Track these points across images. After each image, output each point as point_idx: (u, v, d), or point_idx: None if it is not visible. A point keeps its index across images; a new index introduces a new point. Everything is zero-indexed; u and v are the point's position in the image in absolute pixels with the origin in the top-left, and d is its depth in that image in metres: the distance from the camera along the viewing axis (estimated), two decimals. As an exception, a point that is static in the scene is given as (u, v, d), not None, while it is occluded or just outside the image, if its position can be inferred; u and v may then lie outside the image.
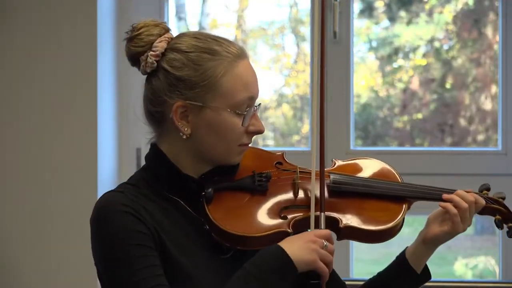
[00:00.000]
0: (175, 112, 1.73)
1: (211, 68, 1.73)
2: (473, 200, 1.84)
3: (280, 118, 3.95)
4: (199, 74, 1.72)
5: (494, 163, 3.32)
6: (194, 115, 1.73)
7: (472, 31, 3.69)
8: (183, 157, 1.76)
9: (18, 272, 3.18)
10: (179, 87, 1.73)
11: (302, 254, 1.65)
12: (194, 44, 1.75)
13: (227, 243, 1.72)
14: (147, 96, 1.78)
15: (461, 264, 4.22)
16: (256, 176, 1.79)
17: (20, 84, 3.19)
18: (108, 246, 1.67)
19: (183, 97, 1.73)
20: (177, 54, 1.74)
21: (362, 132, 3.79)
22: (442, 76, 3.71)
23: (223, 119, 1.73)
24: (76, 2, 3.18)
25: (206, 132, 1.74)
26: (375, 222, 1.79)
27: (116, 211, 1.68)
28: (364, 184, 1.85)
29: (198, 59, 1.73)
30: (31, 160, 3.18)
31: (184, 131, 1.74)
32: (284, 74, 3.88)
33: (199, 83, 1.72)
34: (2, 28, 3.20)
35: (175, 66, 1.73)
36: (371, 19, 3.79)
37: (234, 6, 3.86)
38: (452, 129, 3.74)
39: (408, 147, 3.80)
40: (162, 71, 1.75)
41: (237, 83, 1.74)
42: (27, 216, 3.18)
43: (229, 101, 1.73)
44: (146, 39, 1.75)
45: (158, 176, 1.77)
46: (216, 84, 1.73)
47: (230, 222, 1.72)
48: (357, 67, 3.70)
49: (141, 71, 1.78)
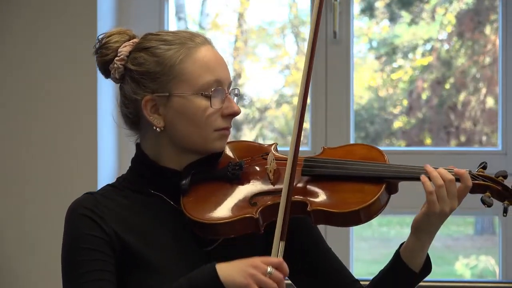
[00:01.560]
0: (145, 107, 1.76)
1: (169, 57, 1.75)
2: (451, 178, 1.75)
3: (280, 118, 3.95)
4: (159, 64, 1.75)
5: (494, 163, 3.32)
6: (163, 107, 1.76)
7: (472, 31, 3.69)
8: (164, 151, 1.79)
9: (17, 273, 3.18)
10: (144, 82, 1.76)
11: (236, 277, 1.60)
12: (155, 40, 1.79)
13: (200, 233, 1.75)
14: (121, 101, 1.82)
15: (461, 264, 4.22)
16: (230, 166, 1.81)
17: (20, 85, 3.19)
18: (64, 246, 1.78)
19: (149, 91, 1.76)
20: (139, 52, 1.78)
21: (362, 132, 3.80)
22: (442, 76, 3.72)
23: (191, 104, 1.75)
24: (76, 2, 3.18)
25: (178, 121, 1.76)
26: (346, 204, 1.75)
27: (75, 214, 1.75)
28: (337, 166, 1.82)
29: (157, 52, 1.76)
30: (31, 160, 3.18)
31: (157, 124, 1.76)
32: (284, 74, 3.88)
33: (161, 73, 1.75)
34: (2, 29, 3.20)
35: (138, 63, 1.77)
36: (371, 19, 3.79)
37: (234, 6, 3.86)
38: (452, 129, 3.74)
39: (408, 147, 3.80)
40: (128, 73, 1.78)
41: (199, 67, 1.76)
42: (27, 216, 3.18)
43: (193, 85, 1.75)
44: (113, 46, 1.80)
45: (140, 174, 1.80)
46: (177, 71, 1.75)
47: (200, 211, 1.74)
48: (357, 67, 3.70)
49: (113, 80, 1.82)
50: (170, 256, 1.74)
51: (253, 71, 3.87)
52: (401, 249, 1.84)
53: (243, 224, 1.74)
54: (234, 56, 3.86)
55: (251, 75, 3.88)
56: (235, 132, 3.90)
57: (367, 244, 4.02)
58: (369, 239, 4.12)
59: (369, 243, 4.06)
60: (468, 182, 1.78)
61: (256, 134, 3.96)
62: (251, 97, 3.90)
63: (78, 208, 1.75)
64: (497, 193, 1.87)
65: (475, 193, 1.85)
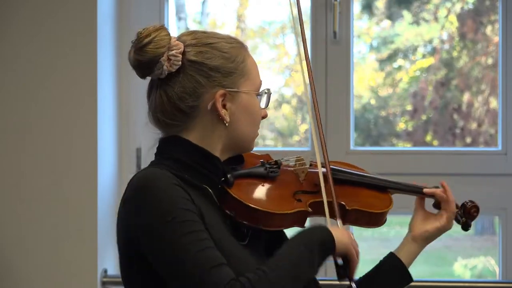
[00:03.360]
0: (218, 101, 1.78)
1: (237, 55, 1.82)
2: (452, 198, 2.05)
3: (280, 118, 3.95)
4: (230, 61, 1.80)
5: (494, 163, 3.32)
6: (232, 102, 1.80)
7: (473, 31, 3.69)
8: (213, 145, 1.81)
9: (16, 274, 3.18)
10: (216, 77, 1.79)
11: (341, 237, 1.77)
12: (212, 37, 1.83)
13: (252, 222, 1.78)
14: (177, 95, 1.78)
15: (461, 264, 4.23)
16: (266, 164, 1.88)
17: (20, 85, 3.19)
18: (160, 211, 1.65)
19: (222, 85, 1.79)
20: (201, 47, 1.80)
21: (362, 132, 3.80)
22: (443, 76, 3.72)
23: (254, 102, 1.83)
24: (76, 2, 3.18)
25: (243, 117, 1.81)
26: (374, 206, 1.95)
27: (165, 182, 1.69)
28: (357, 174, 2.01)
29: (224, 48, 1.81)
30: (31, 160, 3.18)
31: (226, 119, 1.79)
32: (284, 74, 3.88)
33: (234, 70, 1.81)
34: (2, 30, 3.20)
35: (207, 57, 1.79)
36: (371, 19, 3.80)
37: (234, 6, 3.86)
38: (457, 130, 3.74)
39: (408, 147, 3.80)
40: (192, 66, 1.79)
41: (255, 68, 1.86)
42: (27, 216, 3.18)
43: (254, 84, 1.84)
44: (165, 39, 1.78)
45: (184, 164, 1.78)
46: (245, 69, 1.82)
47: (256, 200, 1.80)
48: (357, 67, 3.70)
49: (162, 73, 1.78)
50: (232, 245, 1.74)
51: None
52: (398, 252, 2.04)
53: (295, 217, 1.82)
54: (234, 56, 3.85)
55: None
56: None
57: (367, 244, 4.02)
58: (369, 239, 4.13)
59: (369, 243, 4.06)
60: None
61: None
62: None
63: (165, 179, 1.70)
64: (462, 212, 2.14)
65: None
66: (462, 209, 2.10)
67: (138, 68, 1.81)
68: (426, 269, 4.43)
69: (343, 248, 1.77)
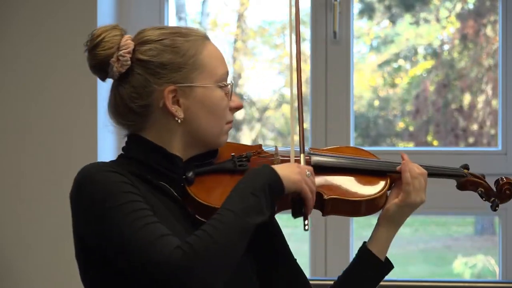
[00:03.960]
0: (167, 98, 1.73)
1: (189, 48, 1.76)
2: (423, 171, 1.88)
3: (280, 118, 3.95)
4: (180, 55, 1.75)
5: (494, 163, 3.32)
6: (185, 97, 1.75)
7: (475, 32, 3.68)
8: (172, 143, 1.77)
9: (16, 274, 3.18)
10: (164, 73, 1.74)
11: (289, 174, 1.70)
12: (162, 32, 1.77)
13: None
14: (127, 95, 1.77)
15: (460, 264, 4.22)
16: (235, 158, 1.82)
17: (20, 85, 3.19)
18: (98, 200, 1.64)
19: (171, 81, 1.74)
20: (149, 45, 1.76)
21: (362, 132, 3.80)
22: (444, 77, 3.71)
23: (213, 95, 1.76)
24: (76, 2, 3.18)
25: (200, 112, 1.76)
26: (357, 194, 1.84)
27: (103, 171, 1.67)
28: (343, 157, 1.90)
29: (173, 43, 1.76)
30: (31, 160, 3.18)
31: (179, 116, 1.74)
32: (284, 74, 3.88)
33: (184, 64, 1.75)
34: (2, 30, 3.20)
35: (153, 54, 1.74)
36: (371, 19, 3.80)
37: (234, 6, 3.86)
38: (453, 129, 3.74)
39: (407, 147, 3.80)
40: (139, 65, 1.75)
41: (215, 59, 1.78)
42: (27, 216, 3.18)
43: (213, 76, 1.76)
44: (114, 40, 1.76)
45: (142, 163, 1.76)
46: (198, 62, 1.75)
47: (215, 198, 1.73)
48: (357, 67, 3.70)
49: (113, 74, 1.78)
50: None
51: (253, 71, 3.87)
52: (368, 242, 1.90)
53: None
54: (234, 56, 3.86)
55: (251, 75, 3.88)
56: (235, 132, 3.91)
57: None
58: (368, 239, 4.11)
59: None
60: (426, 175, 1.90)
61: (256, 134, 3.96)
62: (251, 97, 3.90)
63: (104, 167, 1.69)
64: (485, 192, 2.00)
65: (466, 190, 2.00)
66: (495, 184, 1.98)
67: (93, 71, 1.81)
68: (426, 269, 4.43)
69: (293, 187, 1.71)
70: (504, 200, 1.98)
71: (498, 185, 1.97)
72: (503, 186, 1.96)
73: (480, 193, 1.98)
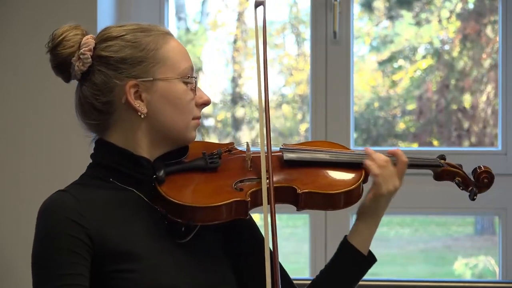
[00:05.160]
0: (129, 93, 1.72)
1: (149, 43, 1.74)
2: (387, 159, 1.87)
3: (280, 118, 3.95)
4: (141, 49, 1.73)
5: (494, 163, 3.32)
6: (147, 92, 1.73)
7: (475, 32, 3.68)
8: (138, 143, 1.75)
9: (16, 274, 3.18)
10: (125, 68, 1.73)
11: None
12: (124, 29, 1.76)
13: (183, 219, 1.71)
14: (90, 93, 1.76)
15: (461, 264, 4.22)
16: (207, 156, 1.80)
17: (20, 85, 3.19)
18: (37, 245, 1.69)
19: (132, 76, 1.72)
20: (110, 41, 1.74)
21: (362, 132, 3.79)
22: (443, 77, 3.71)
23: (176, 89, 1.74)
24: (76, 2, 3.18)
25: (163, 106, 1.74)
26: (331, 186, 1.81)
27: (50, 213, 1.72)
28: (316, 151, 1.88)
29: (134, 38, 1.74)
30: (31, 160, 3.18)
31: (142, 110, 1.72)
32: (284, 74, 3.88)
33: (144, 58, 1.73)
34: (2, 30, 3.20)
35: (114, 50, 1.73)
36: (371, 19, 3.79)
37: (234, 6, 3.86)
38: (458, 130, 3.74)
39: (407, 147, 3.80)
40: (100, 62, 1.74)
41: (177, 54, 1.76)
42: (27, 217, 3.18)
43: (176, 70, 1.74)
44: (74, 39, 1.75)
45: (108, 168, 1.76)
46: (159, 56, 1.74)
47: (187, 196, 1.72)
48: (357, 67, 3.70)
49: (75, 73, 1.77)
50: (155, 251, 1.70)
51: (253, 71, 3.87)
52: (348, 235, 1.88)
53: (232, 208, 1.72)
54: (234, 56, 3.86)
55: (251, 75, 3.88)
56: (235, 132, 3.90)
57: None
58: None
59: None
60: (403, 157, 1.89)
61: (256, 134, 3.96)
62: (251, 97, 3.90)
63: (53, 207, 1.72)
64: (463, 181, 1.98)
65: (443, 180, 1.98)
66: (472, 173, 1.96)
67: (56, 72, 1.81)
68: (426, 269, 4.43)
69: None
70: (482, 189, 1.96)
71: (476, 174, 1.96)
72: (481, 175, 1.95)
73: (457, 182, 1.96)
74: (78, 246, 1.65)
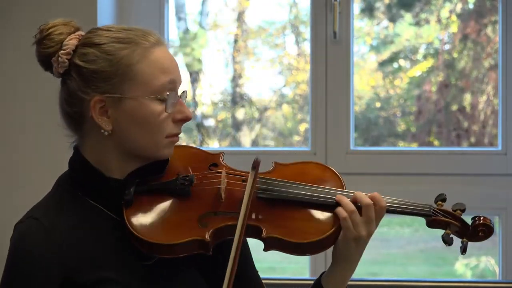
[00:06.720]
0: (93, 108, 1.65)
1: (125, 57, 1.65)
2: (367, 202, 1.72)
3: (280, 118, 3.95)
4: (113, 64, 1.65)
5: (494, 163, 3.32)
6: (114, 109, 1.65)
7: (475, 32, 3.69)
8: (108, 158, 1.69)
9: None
10: (94, 81, 1.65)
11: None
12: (107, 36, 1.68)
13: (143, 249, 1.64)
14: (63, 98, 1.71)
15: (461, 264, 4.22)
16: (179, 179, 1.70)
17: (19, 83, 3.19)
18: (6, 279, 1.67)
19: (99, 91, 1.65)
20: (89, 48, 1.67)
21: (362, 132, 3.80)
22: (443, 77, 3.72)
23: (145, 108, 1.65)
24: (76, 2, 3.18)
25: (129, 125, 1.65)
26: (302, 234, 1.67)
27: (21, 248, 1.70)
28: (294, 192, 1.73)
29: (111, 50, 1.66)
30: (31, 160, 3.18)
31: (105, 127, 1.66)
32: (284, 74, 3.88)
33: (114, 74, 1.65)
34: (2, 30, 3.20)
35: (88, 60, 1.66)
36: (371, 19, 3.80)
37: (234, 5, 3.86)
38: (453, 130, 3.74)
39: (407, 147, 3.80)
40: (75, 69, 1.68)
41: (154, 69, 1.65)
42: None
43: (148, 88, 1.65)
44: (56, 39, 1.69)
45: (80, 183, 1.71)
46: (132, 72, 1.65)
47: (145, 228, 1.64)
48: (357, 67, 3.70)
49: (55, 74, 1.72)
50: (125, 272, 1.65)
51: (253, 71, 3.87)
52: (322, 277, 1.80)
53: (193, 245, 1.63)
54: (234, 56, 3.86)
55: (251, 75, 3.88)
56: (235, 132, 3.90)
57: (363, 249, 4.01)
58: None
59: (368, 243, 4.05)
60: (382, 202, 1.74)
61: (256, 134, 3.96)
62: (251, 97, 3.90)
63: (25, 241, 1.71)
64: (456, 230, 1.80)
65: (435, 228, 1.81)
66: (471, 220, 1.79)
67: (42, 66, 1.76)
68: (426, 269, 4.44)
69: None
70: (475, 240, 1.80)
71: (474, 224, 1.79)
72: (478, 227, 1.79)
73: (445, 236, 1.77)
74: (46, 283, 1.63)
